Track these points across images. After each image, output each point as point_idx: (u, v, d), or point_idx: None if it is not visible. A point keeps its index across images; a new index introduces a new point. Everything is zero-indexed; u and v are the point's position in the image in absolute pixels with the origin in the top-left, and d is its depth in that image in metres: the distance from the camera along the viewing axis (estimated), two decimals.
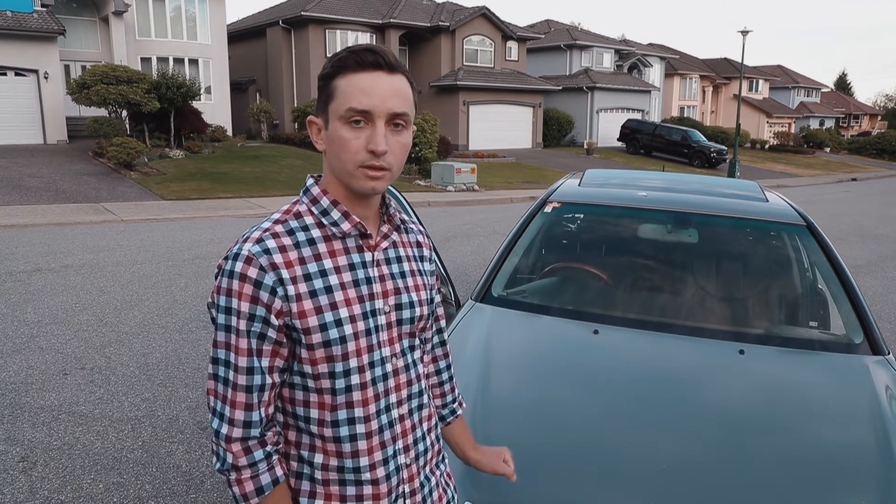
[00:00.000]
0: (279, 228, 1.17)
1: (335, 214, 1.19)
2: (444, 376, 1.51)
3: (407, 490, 1.27)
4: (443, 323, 1.49)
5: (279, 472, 1.18)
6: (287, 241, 1.16)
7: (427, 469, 1.32)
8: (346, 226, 1.19)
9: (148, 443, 3.81)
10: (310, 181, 1.24)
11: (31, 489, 3.30)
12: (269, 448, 1.17)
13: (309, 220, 1.19)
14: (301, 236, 1.17)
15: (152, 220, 12.11)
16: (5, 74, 18.91)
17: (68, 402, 4.32)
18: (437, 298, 1.45)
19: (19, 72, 19.06)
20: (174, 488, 3.34)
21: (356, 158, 1.14)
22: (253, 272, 1.12)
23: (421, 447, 1.30)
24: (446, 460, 1.44)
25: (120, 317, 6.19)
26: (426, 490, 1.31)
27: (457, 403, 1.54)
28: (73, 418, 4.09)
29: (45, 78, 19.24)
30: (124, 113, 18.58)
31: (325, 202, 1.20)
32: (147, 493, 3.29)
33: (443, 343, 1.50)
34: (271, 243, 1.14)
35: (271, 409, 1.19)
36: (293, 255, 1.15)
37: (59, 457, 3.62)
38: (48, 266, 8.13)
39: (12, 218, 11.32)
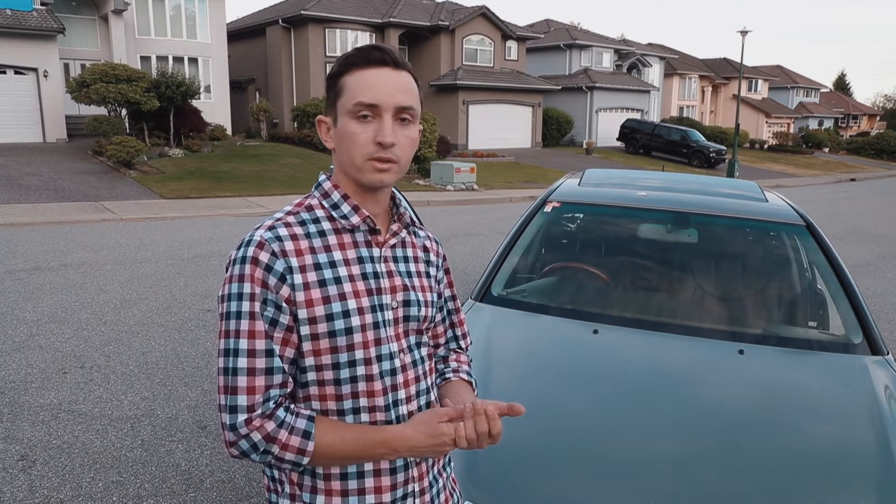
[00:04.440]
0: (291, 219, 1.20)
1: (345, 208, 1.21)
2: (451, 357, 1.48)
3: (417, 489, 1.25)
4: (459, 330, 1.48)
5: (307, 412, 1.15)
6: (298, 230, 1.18)
7: (435, 469, 1.31)
8: (355, 219, 1.20)
9: (147, 441, 3.81)
10: (322, 176, 1.26)
11: (30, 487, 3.30)
12: (285, 404, 1.14)
13: (320, 213, 1.22)
14: (312, 227, 1.19)
15: (152, 218, 12.11)
16: (5, 73, 18.89)
17: (67, 401, 4.32)
18: (451, 305, 1.46)
19: (19, 70, 19.05)
20: (173, 487, 3.34)
21: (365, 151, 1.16)
22: (265, 256, 1.13)
23: None
24: (452, 463, 1.42)
25: (119, 315, 6.19)
26: (434, 491, 1.30)
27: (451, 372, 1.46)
28: (73, 417, 4.09)
29: (45, 76, 19.22)
30: (124, 112, 18.56)
31: (335, 196, 1.22)
32: (146, 492, 3.29)
33: (462, 349, 1.49)
34: (283, 231, 1.16)
35: (288, 390, 1.15)
36: (304, 244, 1.17)
37: (59, 455, 3.62)
38: (47, 265, 8.13)
39: (11, 216, 11.31)
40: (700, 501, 1.76)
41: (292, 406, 1.15)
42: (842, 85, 78.55)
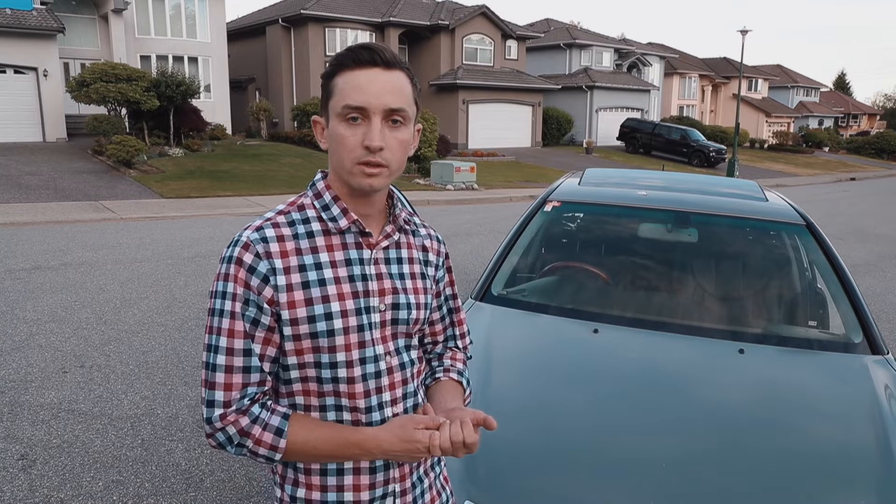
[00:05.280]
0: (281, 219, 1.20)
1: (335, 210, 1.21)
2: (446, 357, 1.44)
3: (398, 489, 1.25)
4: (458, 330, 1.46)
5: (282, 409, 1.17)
6: (286, 231, 1.18)
7: (420, 469, 1.31)
8: (343, 222, 1.20)
9: (147, 441, 3.81)
10: (318, 175, 1.26)
11: (30, 487, 3.30)
12: (261, 400, 1.17)
13: (311, 213, 1.22)
14: (301, 228, 1.19)
15: (152, 218, 12.11)
16: (4, 72, 18.88)
17: (68, 400, 4.32)
18: (452, 304, 1.45)
19: (18, 69, 19.04)
20: (173, 486, 3.34)
21: (353, 155, 1.15)
22: (248, 257, 1.14)
23: None
24: (443, 462, 1.42)
25: (119, 315, 6.19)
26: (418, 491, 1.30)
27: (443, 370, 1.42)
28: (73, 416, 4.09)
29: (45, 76, 19.21)
30: (124, 111, 18.56)
31: (327, 197, 1.22)
32: (146, 492, 3.29)
33: (459, 348, 1.47)
34: (270, 232, 1.17)
35: (266, 388, 1.18)
36: (290, 245, 1.17)
37: (59, 455, 3.62)
38: (47, 264, 8.13)
39: (11, 216, 11.31)
40: (700, 501, 1.76)
41: (269, 403, 1.18)
42: (842, 84, 78.52)
